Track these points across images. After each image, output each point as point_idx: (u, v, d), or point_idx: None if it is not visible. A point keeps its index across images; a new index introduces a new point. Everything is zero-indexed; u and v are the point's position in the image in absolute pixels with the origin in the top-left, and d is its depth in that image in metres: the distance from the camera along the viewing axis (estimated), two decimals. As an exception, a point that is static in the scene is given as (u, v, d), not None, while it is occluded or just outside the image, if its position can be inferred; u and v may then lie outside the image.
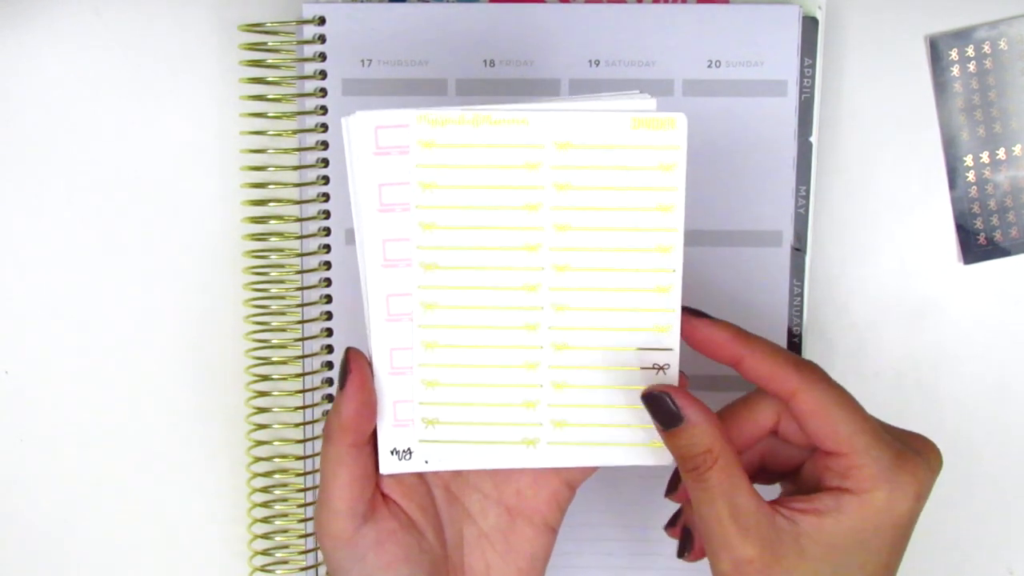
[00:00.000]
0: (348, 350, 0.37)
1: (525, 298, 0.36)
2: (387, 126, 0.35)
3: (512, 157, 0.35)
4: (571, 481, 0.40)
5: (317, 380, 0.48)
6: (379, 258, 0.36)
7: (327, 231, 0.47)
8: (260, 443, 0.49)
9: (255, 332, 0.48)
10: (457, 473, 0.39)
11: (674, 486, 0.41)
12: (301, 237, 0.48)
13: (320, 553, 0.49)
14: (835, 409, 0.36)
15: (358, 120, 0.34)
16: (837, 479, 0.35)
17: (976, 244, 0.49)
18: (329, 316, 0.48)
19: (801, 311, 0.47)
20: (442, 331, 0.37)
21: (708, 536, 0.36)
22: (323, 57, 0.46)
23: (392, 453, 0.38)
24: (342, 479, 0.36)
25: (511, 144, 0.35)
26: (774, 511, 0.36)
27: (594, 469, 0.40)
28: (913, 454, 0.35)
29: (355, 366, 0.37)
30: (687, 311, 0.38)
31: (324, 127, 0.47)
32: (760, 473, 0.40)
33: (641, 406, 0.37)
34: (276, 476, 0.49)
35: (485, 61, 0.46)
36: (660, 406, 0.36)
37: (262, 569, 0.50)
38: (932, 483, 0.36)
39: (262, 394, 0.49)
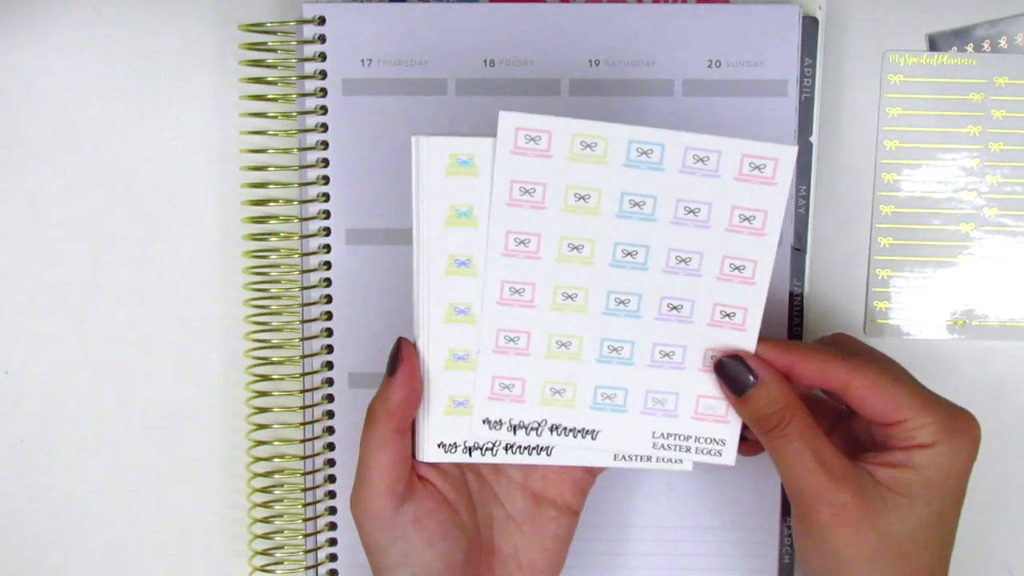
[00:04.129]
0: (400, 340, 0.39)
1: None
2: (528, 128, 0.37)
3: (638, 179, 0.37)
4: (593, 468, 0.42)
5: (317, 380, 0.48)
6: (500, 247, 0.38)
7: (327, 231, 0.47)
8: (260, 443, 0.49)
9: (255, 332, 0.48)
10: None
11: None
12: (301, 237, 0.48)
13: (320, 546, 0.49)
14: (889, 387, 0.38)
15: (503, 119, 0.37)
16: (902, 441, 0.38)
17: (976, 244, 0.49)
18: (329, 316, 0.48)
19: (801, 311, 0.47)
20: None
21: (800, 491, 0.38)
22: (323, 57, 0.46)
23: (439, 446, 0.40)
24: (383, 461, 0.38)
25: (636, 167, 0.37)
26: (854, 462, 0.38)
27: None
28: (964, 412, 0.38)
29: (406, 355, 0.39)
30: None
31: (324, 127, 0.47)
32: None
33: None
34: (276, 476, 0.49)
35: (485, 61, 0.46)
36: (732, 371, 0.38)
37: (262, 569, 0.50)
38: (980, 440, 0.38)
39: (262, 394, 0.49)
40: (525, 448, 0.41)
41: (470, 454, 0.41)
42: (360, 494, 0.39)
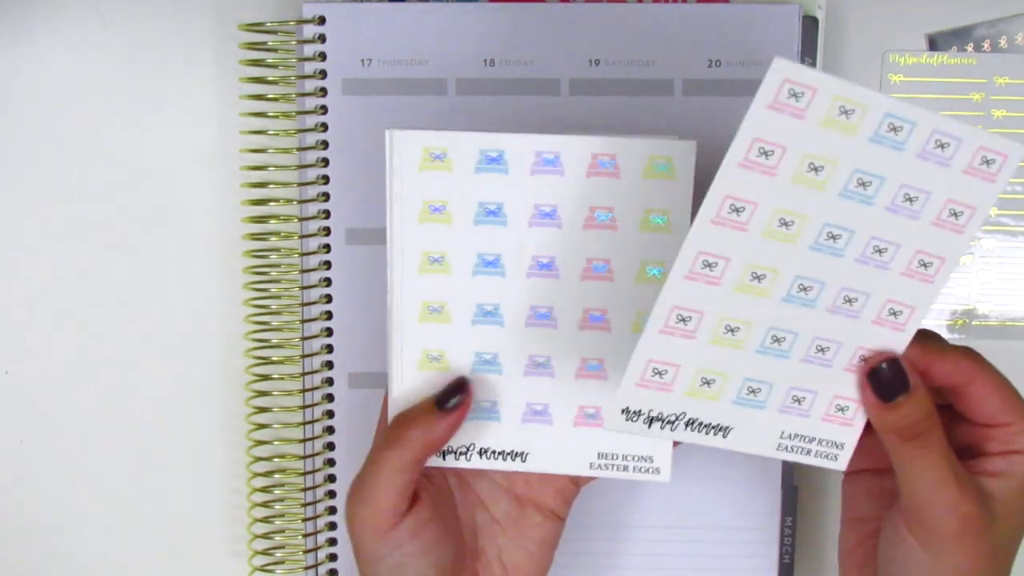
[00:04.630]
0: (463, 380, 0.39)
1: None
2: (796, 82, 0.34)
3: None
4: (577, 479, 0.42)
5: (317, 380, 0.48)
6: (713, 212, 0.35)
7: (327, 231, 0.47)
8: (260, 443, 0.49)
9: (255, 332, 0.48)
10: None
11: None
12: (301, 237, 0.48)
13: (320, 546, 0.49)
14: (1004, 387, 0.37)
15: (776, 66, 0.33)
16: (1002, 444, 0.37)
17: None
18: (329, 316, 0.48)
19: (801, 311, 0.47)
20: None
21: (930, 502, 0.36)
22: (323, 57, 0.47)
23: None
24: (398, 483, 0.38)
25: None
26: None
27: None
28: None
29: (468, 399, 0.39)
30: None
31: (324, 127, 0.47)
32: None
33: None
34: (276, 476, 0.49)
35: (485, 61, 0.46)
36: (890, 377, 0.37)
37: (262, 569, 0.50)
38: None
39: (262, 394, 0.49)
40: (499, 453, 0.40)
41: (444, 458, 0.40)
42: (364, 509, 0.38)
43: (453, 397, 0.38)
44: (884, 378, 0.37)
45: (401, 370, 0.39)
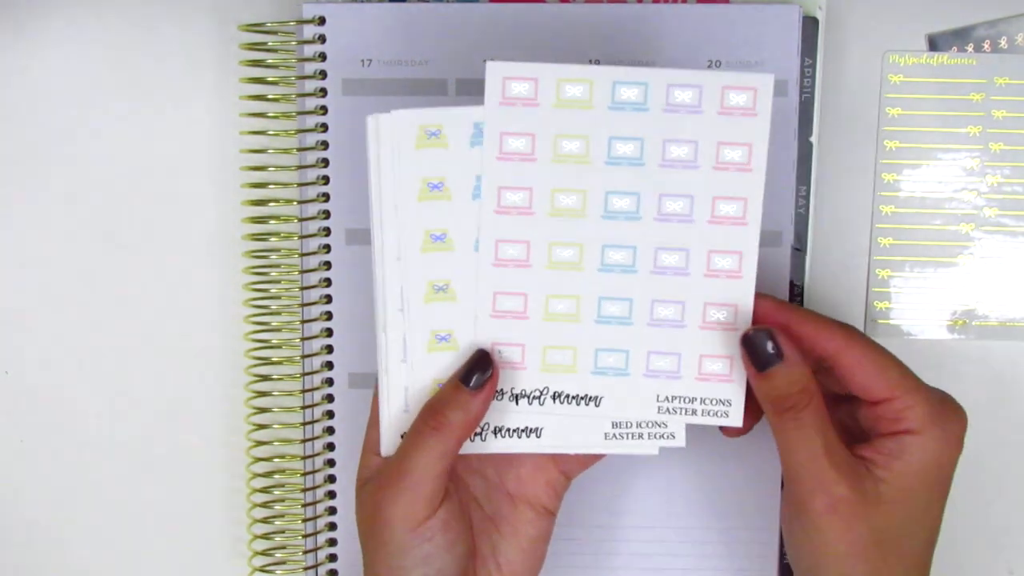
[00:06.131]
0: (484, 352, 0.39)
1: None
2: (515, 76, 0.36)
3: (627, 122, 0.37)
4: (567, 471, 0.42)
5: (317, 380, 0.48)
6: (493, 204, 0.38)
7: (327, 231, 0.47)
8: (260, 443, 0.49)
9: (255, 332, 0.48)
10: (463, 458, 0.40)
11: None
12: (301, 237, 0.48)
13: (320, 546, 0.49)
14: (880, 359, 0.37)
15: (490, 68, 0.36)
16: (890, 424, 0.37)
17: (976, 244, 0.49)
18: (329, 316, 0.48)
19: (801, 311, 0.47)
20: None
21: (800, 476, 0.37)
22: (323, 57, 0.47)
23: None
24: (439, 470, 0.38)
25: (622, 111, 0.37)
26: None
27: (590, 461, 0.42)
28: (951, 399, 0.38)
29: (496, 370, 0.38)
30: None
31: (324, 127, 0.47)
32: None
33: None
34: (276, 476, 0.49)
35: (485, 61, 0.46)
36: (759, 345, 0.37)
37: (262, 569, 0.50)
38: (966, 428, 0.37)
39: (262, 394, 0.49)
40: (515, 431, 0.40)
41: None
42: (401, 500, 0.38)
43: (475, 372, 0.38)
44: (756, 346, 0.37)
45: (410, 355, 0.39)
